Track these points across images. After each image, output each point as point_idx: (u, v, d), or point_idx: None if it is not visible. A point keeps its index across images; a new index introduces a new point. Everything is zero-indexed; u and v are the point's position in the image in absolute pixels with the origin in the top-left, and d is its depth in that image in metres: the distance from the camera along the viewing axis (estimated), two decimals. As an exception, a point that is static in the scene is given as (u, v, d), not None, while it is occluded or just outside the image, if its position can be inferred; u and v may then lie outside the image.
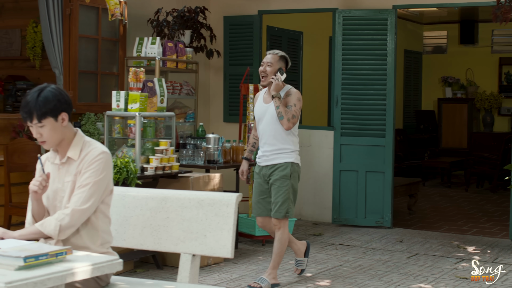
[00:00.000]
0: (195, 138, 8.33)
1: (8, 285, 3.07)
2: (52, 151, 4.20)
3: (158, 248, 4.57)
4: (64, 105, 4.03)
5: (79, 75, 8.78)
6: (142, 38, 8.60)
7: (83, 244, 4.03)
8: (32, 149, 7.68)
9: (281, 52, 6.86)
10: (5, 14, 10.63)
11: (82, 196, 3.99)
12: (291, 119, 6.58)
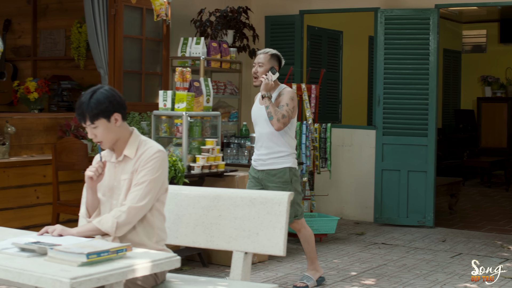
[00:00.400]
0: (239, 138, 8.38)
1: (73, 280, 3.14)
2: (108, 150, 4.27)
3: (210, 246, 4.62)
4: (116, 106, 4.09)
5: (123, 75, 8.87)
6: (186, 38, 8.67)
7: (139, 241, 4.09)
8: (79, 148, 7.78)
9: (273, 50, 6.63)
10: (50, 15, 10.77)
11: (138, 194, 4.05)
12: (281, 119, 6.30)
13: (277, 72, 6.44)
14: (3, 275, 3.32)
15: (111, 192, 4.19)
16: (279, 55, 6.61)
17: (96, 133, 4.10)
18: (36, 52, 10.88)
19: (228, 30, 9.41)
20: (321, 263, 7.73)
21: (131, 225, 4.06)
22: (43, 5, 10.84)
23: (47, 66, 10.85)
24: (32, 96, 8.49)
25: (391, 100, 9.95)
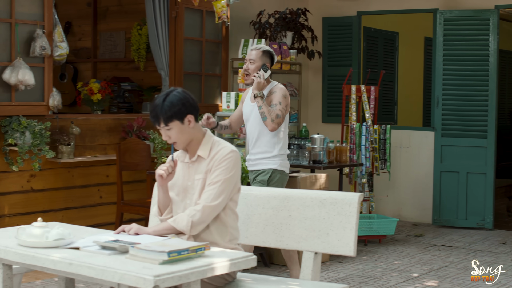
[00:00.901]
0: (299, 139, 8.41)
1: (156, 278, 3.21)
2: (181, 151, 4.34)
3: (280, 246, 4.67)
4: (189, 108, 4.15)
5: (183, 77, 8.97)
6: (247, 40, 8.73)
7: (213, 239, 4.15)
8: (142, 149, 7.90)
9: (265, 47, 6.32)
10: (110, 17, 10.92)
11: (212, 193, 4.11)
12: (275, 119, 6.03)
13: (269, 70, 6.18)
14: (86, 272, 3.40)
15: (185, 192, 4.26)
16: (271, 52, 6.31)
17: (170, 134, 4.17)
18: (96, 54, 11.04)
19: (287, 32, 9.45)
20: (381, 264, 7.74)
21: (205, 224, 4.12)
22: (103, 7, 10.99)
23: (107, 67, 11.00)
24: (96, 98, 8.62)
25: (450, 102, 9.91)
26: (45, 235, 3.73)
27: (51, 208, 7.71)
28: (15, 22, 7.26)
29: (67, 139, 7.59)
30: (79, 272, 3.43)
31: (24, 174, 7.45)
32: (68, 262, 3.47)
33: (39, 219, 3.82)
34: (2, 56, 7.19)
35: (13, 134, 7.17)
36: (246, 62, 6.29)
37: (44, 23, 7.45)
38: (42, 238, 3.72)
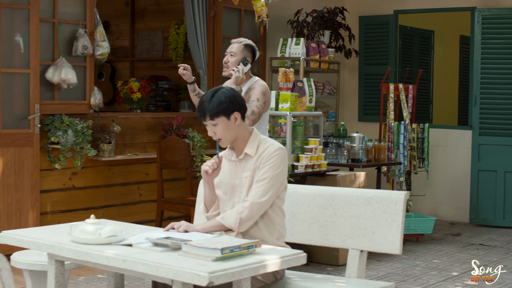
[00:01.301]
0: (337, 137, 8.43)
1: (211, 274, 3.25)
2: (228, 149, 4.38)
3: (325, 244, 4.70)
4: (237, 106, 4.20)
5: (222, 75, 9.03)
6: (286, 39, 8.77)
7: (261, 236, 4.18)
8: (182, 147, 7.95)
9: (247, 40, 6.14)
10: (148, 17, 11.00)
11: (260, 190, 4.15)
12: (250, 116, 5.81)
13: (249, 64, 5.99)
14: (141, 268, 3.45)
15: (232, 190, 4.30)
16: (253, 46, 6.12)
17: (215, 130, 4.22)
18: (134, 53, 11.12)
19: (324, 31, 9.47)
20: (420, 263, 7.74)
21: (253, 221, 4.16)
22: (141, 7, 11.07)
23: (144, 66, 11.08)
24: (135, 96, 8.70)
25: (488, 100, 9.88)
26: (98, 232, 3.78)
27: (92, 206, 7.80)
28: (58, 22, 7.35)
29: (108, 138, 7.67)
30: (133, 268, 3.48)
31: (66, 172, 7.54)
32: (122, 258, 3.52)
33: (92, 216, 3.88)
34: (45, 55, 7.28)
35: (55, 132, 7.26)
36: (226, 55, 6.09)
37: (86, 23, 7.54)
38: (95, 234, 3.78)
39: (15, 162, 7.05)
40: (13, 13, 7.04)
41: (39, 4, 7.11)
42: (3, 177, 6.96)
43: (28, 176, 7.12)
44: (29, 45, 7.08)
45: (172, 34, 10.19)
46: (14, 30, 7.08)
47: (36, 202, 7.18)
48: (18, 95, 7.12)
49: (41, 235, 4.01)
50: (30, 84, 7.09)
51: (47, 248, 3.86)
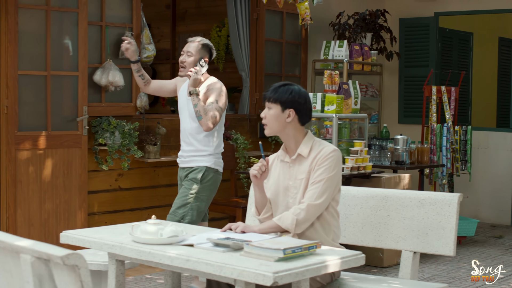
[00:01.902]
0: (380, 139, 8.45)
1: (275, 275, 3.30)
2: (281, 150, 4.43)
3: (378, 245, 4.73)
4: (295, 104, 4.25)
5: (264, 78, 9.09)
6: (329, 41, 8.80)
7: (317, 237, 4.22)
8: (227, 149, 7.97)
9: (204, 39, 5.96)
10: (189, 19, 11.09)
11: (316, 192, 4.19)
12: (211, 119, 5.64)
13: (207, 65, 5.76)
14: (204, 268, 3.50)
15: (285, 191, 4.34)
16: (211, 46, 5.97)
17: (267, 114, 4.31)
18: (175, 55, 11.21)
19: (366, 33, 9.49)
20: (464, 265, 7.73)
21: (309, 222, 4.20)
22: (182, 9, 11.16)
23: (185, 69, 11.16)
24: (180, 98, 8.76)
25: (530, 102, 9.85)
26: (159, 232, 3.84)
27: (137, 207, 7.88)
28: (105, 25, 7.44)
29: (154, 139, 7.75)
30: (196, 268, 3.54)
31: (112, 173, 7.63)
32: (185, 258, 3.58)
33: (153, 217, 3.94)
34: (93, 58, 7.37)
35: (103, 134, 7.35)
36: (183, 54, 5.91)
37: (133, 26, 7.63)
38: (157, 235, 3.84)
39: (63, 163, 7.14)
40: (62, 16, 7.14)
41: (87, 8, 7.20)
42: (52, 178, 7.06)
43: (76, 177, 7.22)
44: (77, 48, 7.18)
45: (213, 37, 10.27)
46: (63, 33, 7.19)
47: (83, 203, 7.27)
48: (67, 97, 7.22)
49: (101, 235, 4.08)
50: (79, 86, 7.19)
51: (109, 248, 3.93)
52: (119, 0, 7.60)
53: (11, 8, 6.76)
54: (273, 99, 4.25)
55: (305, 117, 4.29)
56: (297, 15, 9.16)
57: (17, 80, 6.84)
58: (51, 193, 7.07)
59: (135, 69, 5.99)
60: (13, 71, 6.81)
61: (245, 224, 4.18)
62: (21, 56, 6.85)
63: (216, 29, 10.28)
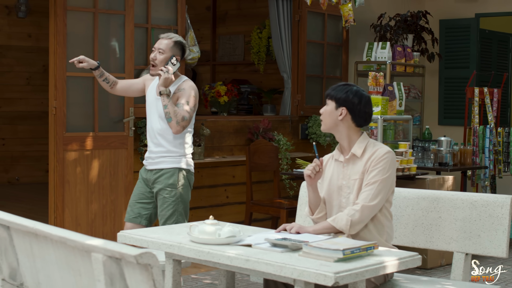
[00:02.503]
0: (422, 141, 8.45)
1: (336, 275, 3.33)
2: (336, 150, 4.47)
3: (430, 246, 4.75)
4: (349, 104, 4.31)
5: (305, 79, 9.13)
6: (371, 43, 8.81)
7: (371, 238, 4.25)
8: (270, 150, 8.05)
9: (177, 36, 5.63)
10: (229, 21, 11.15)
11: (370, 193, 4.22)
12: (181, 122, 5.36)
13: (178, 63, 5.48)
14: (264, 268, 3.55)
15: (339, 191, 4.38)
16: (183, 43, 5.63)
17: (323, 110, 4.39)
18: (215, 57, 11.28)
19: (408, 34, 9.49)
20: (510, 267, 7.70)
21: (363, 224, 4.23)
22: (223, 11, 11.22)
23: (225, 70, 11.23)
24: (223, 100, 8.83)
25: None
26: (217, 232, 3.89)
27: (181, 207, 7.93)
28: (151, 27, 7.51)
29: (198, 140, 7.81)
30: (256, 268, 3.58)
31: (157, 174, 7.68)
32: (245, 258, 3.62)
33: (211, 217, 3.98)
34: (138, 59, 7.45)
35: (148, 135, 7.41)
36: (154, 51, 5.57)
37: (178, 27, 7.70)
38: (215, 235, 3.88)
39: (110, 164, 7.22)
40: (109, 18, 7.23)
41: (134, 10, 7.27)
42: (98, 179, 7.14)
43: (122, 177, 7.29)
44: (124, 50, 7.26)
45: (254, 38, 10.32)
46: (110, 35, 7.27)
47: (129, 203, 7.34)
48: (114, 98, 7.28)
49: (158, 235, 4.14)
50: (125, 88, 7.26)
51: (167, 247, 3.98)
52: (165, 2, 7.67)
53: (60, 11, 6.86)
54: (330, 96, 4.34)
55: (359, 118, 4.32)
56: (338, 16, 9.21)
57: (65, 81, 6.93)
58: (98, 193, 7.15)
59: (97, 75, 5.67)
60: (62, 73, 6.90)
61: (299, 225, 4.22)
62: (70, 58, 6.92)
63: (257, 30, 10.33)
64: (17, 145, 13.06)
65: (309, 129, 9.07)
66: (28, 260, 3.39)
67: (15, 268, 3.51)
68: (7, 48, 12.66)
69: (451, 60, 10.91)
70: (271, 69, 10.40)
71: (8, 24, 12.80)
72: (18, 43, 12.81)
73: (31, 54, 12.59)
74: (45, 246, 3.20)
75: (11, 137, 12.99)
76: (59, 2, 6.84)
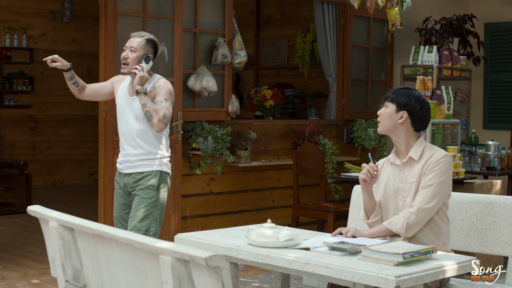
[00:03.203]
0: (469, 145, 8.42)
1: (397, 278, 3.35)
2: (392, 153, 4.48)
3: (484, 251, 4.74)
4: (410, 108, 4.34)
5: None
6: (418, 47, 8.79)
7: (429, 242, 4.25)
8: (317, 154, 8.07)
9: (149, 34, 5.45)
10: (273, 25, 11.19)
11: (426, 196, 4.23)
12: (163, 119, 5.15)
13: (151, 61, 5.33)
14: (324, 271, 3.57)
15: (395, 194, 4.39)
16: (156, 42, 5.46)
17: (382, 112, 4.42)
18: (259, 61, 11.31)
19: (453, 38, 9.45)
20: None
21: (419, 226, 4.23)
22: (266, 15, 11.26)
23: (268, 74, 11.27)
24: (268, 104, 8.86)
25: None
26: (275, 236, 3.92)
27: (228, 211, 7.99)
28: (199, 31, 7.57)
29: (245, 144, 7.85)
30: (315, 271, 3.60)
31: (204, 177, 7.74)
32: (304, 261, 3.64)
33: (269, 220, 4.02)
34: (187, 64, 7.51)
35: (196, 139, 7.47)
36: (125, 50, 5.36)
37: (225, 32, 7.74)
38: (273, 238, 3.92)
39: (158, 167, 7.27)
40: (158, 23, 7.30)
41: (182, 15, 7.34)
42: (147, 182, 7.19)
43: (171, 181, 7.33)
44: (173, 54, 7.32)
45: (298, 42, 10.34)
46: (159, 39, 7.27)
47: (177, 207, 7.39)
48: (162, 102, 7.35)
49: (216, 238, 4.18)
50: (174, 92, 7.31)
51: (225, 250, 4.02)
52: (212, 7, 7.72)
53: (110, 16, 6.93)
54: (391, 98, 4.37)
55: (418, 123, 4.36)
56: (383, 20, 9.22)
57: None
58: (147, 196, 7.20)
59: (68, 77, 5.44)
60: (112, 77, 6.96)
61: (355, 229, 4.23)
62: (120, 62, 6.98)
63: (301, 34, 10.34)
64: (61, 148, 13.22)
65: (354, 133, 9.08)
66: (92, 262, 3.45)
67: (79, 269, 3.56)
68: (52, 52, 12.58)
69: (496, 64, 10.84)
70: (315, 73, 10.41)
71: (53, 29, 12.97)
72: (63, 47, 12.97)
73: (76, 59, 12.69)
74: (110, 248, 3.25)
75: (56, 140, 13.15)
76: (109, 7, 6.92)
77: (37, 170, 12.54)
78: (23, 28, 12.59)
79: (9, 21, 12.44)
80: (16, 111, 12.82)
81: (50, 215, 3.54)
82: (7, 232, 8.83)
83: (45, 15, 12.88)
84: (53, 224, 3.50)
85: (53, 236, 3.53)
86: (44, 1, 12.85)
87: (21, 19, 12.60)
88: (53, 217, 3.51)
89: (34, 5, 12.73)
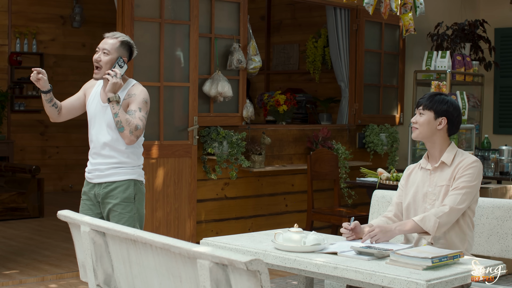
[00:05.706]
0: (482, 150, 8.44)
1: (428, 282, 3.38)
2: (424, 159, 4.53)
3: (505, 256, 4.76)
4: (449, 114, 4.41)
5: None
6: (431, 52, 8.83)
7: (453, 247, 4.28)
8: (331, 159, 8.09)
9: (124, 36, 4.99)
10: (283, 30, 11.23)
11: (458, 197, 4.27)
12: (134, 132, 4.77)
13: (126, 65, 4.91)
14: (353, 275, 3.60)
15: (424, 198, 4.44)
16: (131, 44, 5.00)
17: (418, 120, 4.45)
18: (269, 66, 11.35)
19: (465, 43, 9.48)
20: None
21: (448, 226, 4.27)
22: (277, 21, 11.30)
23: (279, 79, 11.30)
24: (282, 109, 8.89)
25: None
26: (302, 240, 3.95)
27: (242, 215, 8.02)
28: (215, 36, 7.60)
29: (259, 149, 7.88)
30: (344, 275, 3.63)
31: (219, 182, 7.78)
32: (333, 266, 3.67)
33: (296, 225, 4.05)
34: (202, 69, 7.54)
35: (211, 144, 7.50)
36: (97, 52, 4.92)
37: (240, 37, 7.78)
38: (300, 243, 3.94)
39: (174, 172, 7.32)
40: (174, 28, 7.33)
41: (198, 20, 7.37)
42: (163, 187, 7.24)
43: (186, 186, 7.38)
44: (189, 59, 7.35)
45: (309, 47, 10.37)
46: (175, 45, 7.37)
47: (193, 211, 7.43)
48: (178, 107, 7.39)
49: (241, 243, 4.21)
50: (190, 97, 7.36)
51: (252, 255, 4.04)
52: (228, 13, 7.76)
53: (127, 21, 6.97)
54: (427, 106, 4.42)
55: (454, 129, 4.45)
56: (395, 25, 9.26)
57: (132, 91, 7.03)
58: (162, 201, 7.24)
59: (47, 99, 5.02)
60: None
61: (381, 226, 4.22)
62: (136, 67, 7.04)
63: (312, 40, 10.38)
64: (71, 153, 13.24)
65: (366, 138, 9.11)
66: (124, 266, 3.47)
67: (110, 274, 3.59)
68: (62, 57, 12.85)
69: (506, 69, 10.87)
70: (326, 78, 10.45)
71: (63, 34, 13.00)
72: (73, 52, 13.01)
73: (86, 64, 12.73)
74: (144, 252, 3.27)
75: (65, 145, 13.17)
76: (126, 12, 6.96)
77: (46, 175, 12.55)
78: (33, 33, 12.62)
79: (20, 26, 12.47)
80: (26, 116, 12.85)
81: (82, 219, 3.57)
82: (21, 237, 8.85)
83: (55, 20, 12.92)
84: (85, 229, 3.53)
85: (84, 241, 3.56)
86: (54, 6, 12.89)
87: (31, 24, 12.63)
88: (85, 222, 3.54)
89: (44, 10, 12.77)
